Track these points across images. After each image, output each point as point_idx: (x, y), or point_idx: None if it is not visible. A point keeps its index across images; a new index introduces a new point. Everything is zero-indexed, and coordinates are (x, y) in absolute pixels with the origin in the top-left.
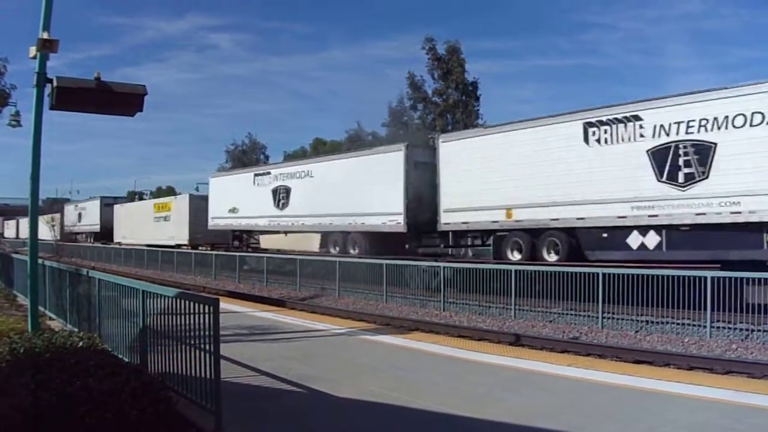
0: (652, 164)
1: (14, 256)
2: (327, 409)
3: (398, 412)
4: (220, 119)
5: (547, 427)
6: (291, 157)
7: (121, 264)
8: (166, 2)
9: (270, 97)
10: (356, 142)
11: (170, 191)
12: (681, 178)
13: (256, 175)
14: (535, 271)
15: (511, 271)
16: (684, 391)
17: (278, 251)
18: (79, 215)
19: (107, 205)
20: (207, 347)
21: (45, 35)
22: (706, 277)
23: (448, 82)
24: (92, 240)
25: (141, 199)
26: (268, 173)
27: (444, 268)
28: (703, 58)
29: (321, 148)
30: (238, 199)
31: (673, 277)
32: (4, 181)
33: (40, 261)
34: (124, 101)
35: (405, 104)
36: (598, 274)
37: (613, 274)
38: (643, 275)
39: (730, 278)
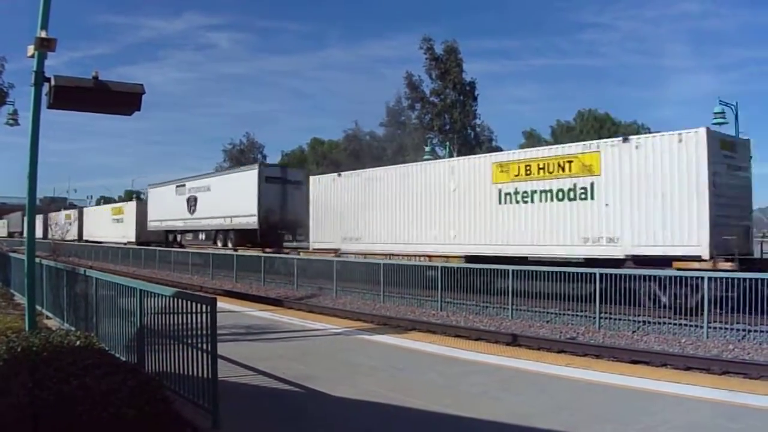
0: None
1: (11, 255)
2: (324, 408)
3: (395, 411)
4: (217, 118)
5: (544, 427)
6: None
7: (118, 263)
8: (164, 1)
9: (267, 96)
10: (353, 141)
11: None
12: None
13: None
14: (532, 272)
15: (508, 270)
16: (680, 392)
17: None
18: (191, 202)
19: (272, 179)
20: (204, 346)
21: (43, 34)
22: (703, 278)
23: (445, 82)
24: (230, 244)
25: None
26: None
27: (441, 267)
28: (701, 58)
29: (319, 148)
30: None
31: (670, 277)
32: (2, 180)
33: (37, 260)
34: (121, 100)
35: (403, 104)
36: (595, 274)
37: (610, 274)
38: (639, 276)
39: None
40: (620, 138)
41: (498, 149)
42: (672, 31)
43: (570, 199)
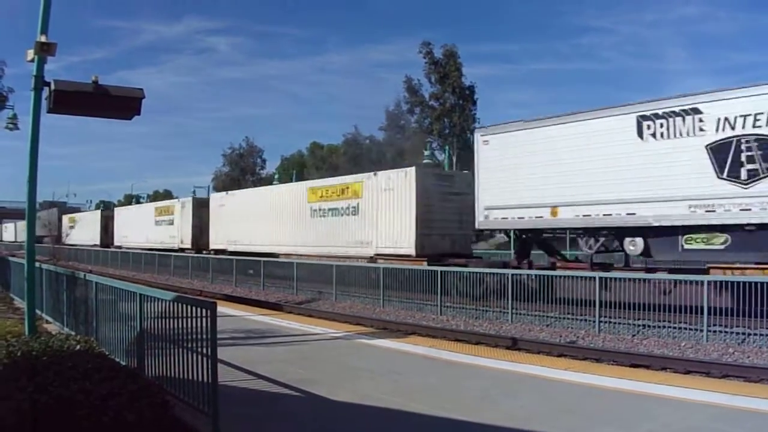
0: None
1: (11, 259)
2: (324, 412)
3: (395, 415)
4: (217, 123)
5: (545, 431)
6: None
7: (118, 267)
8: (164, 5)
9: (267, 101)
10: (353, 146)
11: (167, 195)
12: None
13: None
14: (531, 276)
15: (507, 275)
16: (680, 395)
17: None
18: None
19: None
20: (204, 351)
21: (43, 38)
22: (703, 282)
23: (445, 86)
24: None
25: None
26: None
27: (441, 272)
28: (700, 62)
29: (318, 152)
30: None
31: (669, 281)
32: (2, 184)
33: (37, 264)
34: (121, 105)
35: (402, 108)
36: (594, 278)
37: (611, 278)
38: (640, 279)
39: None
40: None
41: None
42: (671, 35)
43: None
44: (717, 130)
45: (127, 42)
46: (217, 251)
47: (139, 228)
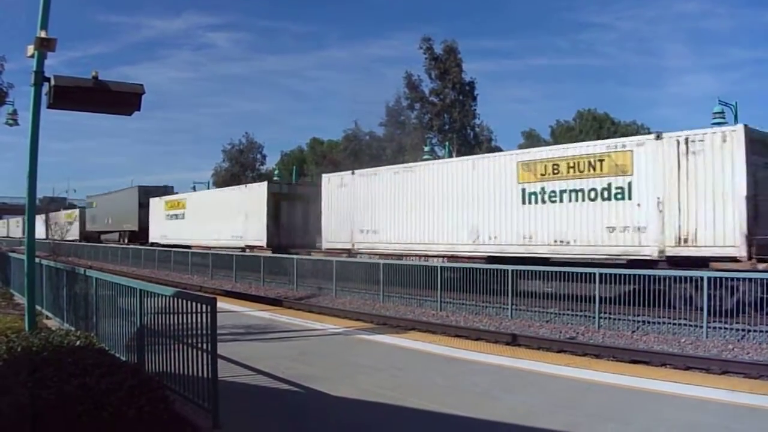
0: None
1: (11, 255)
2: (324, 407)
3: (395, 411)
4: (216, 118)
5: (544, 427)
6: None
7: (118, 263)
8: (164, 1)
9: (267, 96)
10: (353, 141)
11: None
12: None
13: None
14: (531, 272)
15: (507, 271)
16: (680, 391)
17: None
18: None
19: None
20: (204, 346)
21: (43, 34)
22: (702, 277)
23: (445, 82)
24: None
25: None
26: None
27: (441, 268)
28: (700, 58)
29: (318, 148)
30: None
31: (669, 277)
32: (2, 180)
33: (37, 260)
34: (121, 100)
35: (402, 104)
36: (594, 273)
37: (610, 274)
38: (639, 275)
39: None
40: None
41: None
42: (671, 31)
43: None
44: None
45: (127, 37)
46: None
47: (438, 210)
